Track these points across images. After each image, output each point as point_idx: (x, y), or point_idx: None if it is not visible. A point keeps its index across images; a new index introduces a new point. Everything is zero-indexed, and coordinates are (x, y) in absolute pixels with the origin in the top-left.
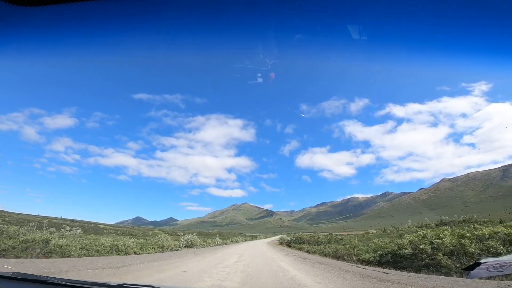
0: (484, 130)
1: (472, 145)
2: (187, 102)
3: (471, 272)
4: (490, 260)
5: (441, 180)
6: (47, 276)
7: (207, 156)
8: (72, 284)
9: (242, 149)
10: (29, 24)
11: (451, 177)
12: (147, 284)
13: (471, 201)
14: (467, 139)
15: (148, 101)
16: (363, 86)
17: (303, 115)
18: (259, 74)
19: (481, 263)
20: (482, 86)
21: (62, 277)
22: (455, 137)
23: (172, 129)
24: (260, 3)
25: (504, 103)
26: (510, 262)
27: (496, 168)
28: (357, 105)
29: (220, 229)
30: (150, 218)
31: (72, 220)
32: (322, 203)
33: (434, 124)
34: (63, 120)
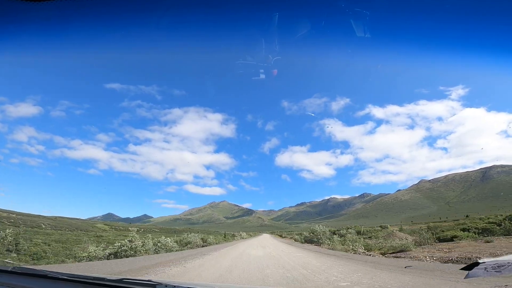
0: (457, 134)
1: (445, 149)
2: (164, 93)
3: (469, 272)
4: (488, 260)
5: (420, 181)
6: (47, 271)
7: (185, 151)
8: (72, 279)
9: (221, 145)
10: None
11: (428, 179)
12: (146, 279)
13: (454, 201)
14: (440, 143)
15: (121, 91)
16: (346, 85)
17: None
18: (262, 70)
19: (479, 263)
20: (459, 90)
21: (62, 271)
22: (430, 141)
23: (146, 121)
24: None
25: (479, 108)
26: (509, 263)
27: (475, 170)
28: (338, 104)
29: (196, 227)
30: (122, 214)
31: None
32: (301, 203)
33: (411, 127)
34: (27, 108)
